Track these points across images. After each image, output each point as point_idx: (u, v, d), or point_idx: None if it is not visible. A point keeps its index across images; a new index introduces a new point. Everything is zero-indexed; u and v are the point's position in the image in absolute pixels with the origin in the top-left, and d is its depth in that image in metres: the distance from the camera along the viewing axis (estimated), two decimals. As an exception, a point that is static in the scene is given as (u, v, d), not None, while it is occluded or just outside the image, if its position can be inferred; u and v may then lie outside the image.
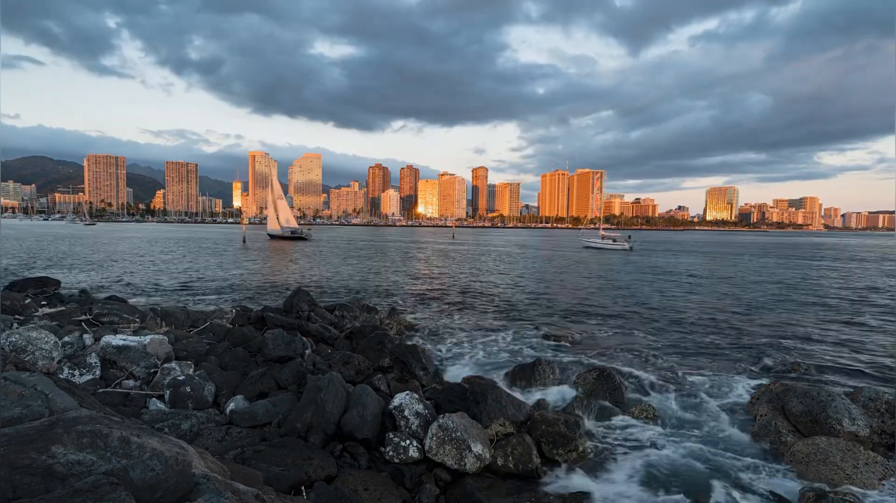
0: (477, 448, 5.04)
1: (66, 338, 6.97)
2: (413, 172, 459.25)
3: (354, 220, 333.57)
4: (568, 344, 11.28)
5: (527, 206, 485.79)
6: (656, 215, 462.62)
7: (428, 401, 5.99)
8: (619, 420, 6.65)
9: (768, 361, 10.01)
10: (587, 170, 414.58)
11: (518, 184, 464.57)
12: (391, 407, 5.61)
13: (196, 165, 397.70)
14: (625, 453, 5.78)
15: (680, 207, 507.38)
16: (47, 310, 9.68)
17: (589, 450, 5.72)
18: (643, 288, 22.26)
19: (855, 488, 4.75)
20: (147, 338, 6.95)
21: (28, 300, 10.57)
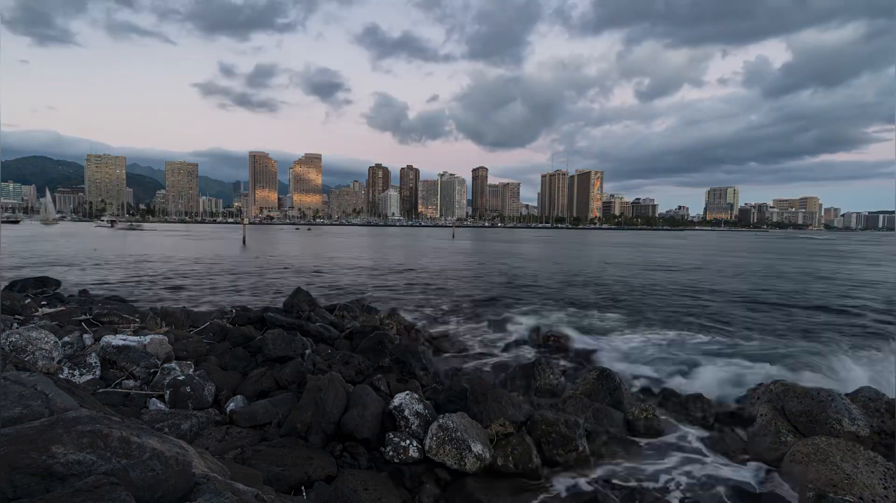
0: (477, 448, 5.04)
1: (66, 338, 6.96)
2: (413, 172, 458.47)
3: (354, 220, 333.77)
4: (568, 343, 11.28)
5: (526, 206, 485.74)
6: (656, 215, 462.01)
7: (428, 401, 5.98)
8: (619, 420, 6.65)
9: (768, 361, 10.00)
10: (587, 170, 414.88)
11: (518, 184, 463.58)
12: (391, 407, 5.61)
13: (196, 166, 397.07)
14: (624, 453, 5.78)
15: (680, 207, 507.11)
16: (47, 310, 9.68)
17: (589, 451, 5.72)
18: (642, 287, 22.26)
19: (855, 488, 4.74)
20: (147, 339, 6.95)
21: (28, 300, 10.57)
